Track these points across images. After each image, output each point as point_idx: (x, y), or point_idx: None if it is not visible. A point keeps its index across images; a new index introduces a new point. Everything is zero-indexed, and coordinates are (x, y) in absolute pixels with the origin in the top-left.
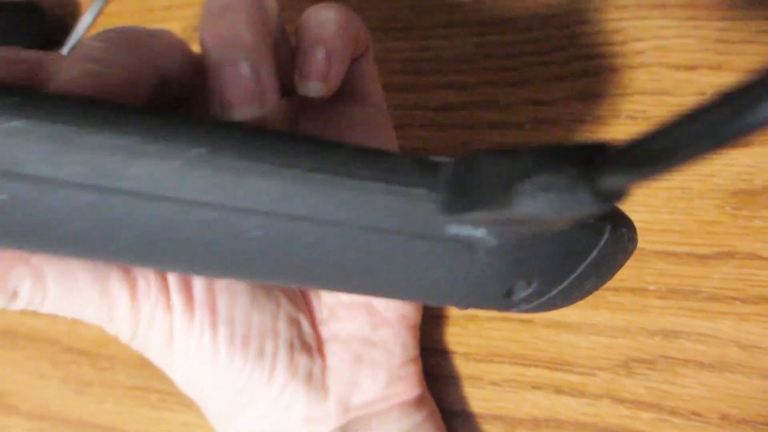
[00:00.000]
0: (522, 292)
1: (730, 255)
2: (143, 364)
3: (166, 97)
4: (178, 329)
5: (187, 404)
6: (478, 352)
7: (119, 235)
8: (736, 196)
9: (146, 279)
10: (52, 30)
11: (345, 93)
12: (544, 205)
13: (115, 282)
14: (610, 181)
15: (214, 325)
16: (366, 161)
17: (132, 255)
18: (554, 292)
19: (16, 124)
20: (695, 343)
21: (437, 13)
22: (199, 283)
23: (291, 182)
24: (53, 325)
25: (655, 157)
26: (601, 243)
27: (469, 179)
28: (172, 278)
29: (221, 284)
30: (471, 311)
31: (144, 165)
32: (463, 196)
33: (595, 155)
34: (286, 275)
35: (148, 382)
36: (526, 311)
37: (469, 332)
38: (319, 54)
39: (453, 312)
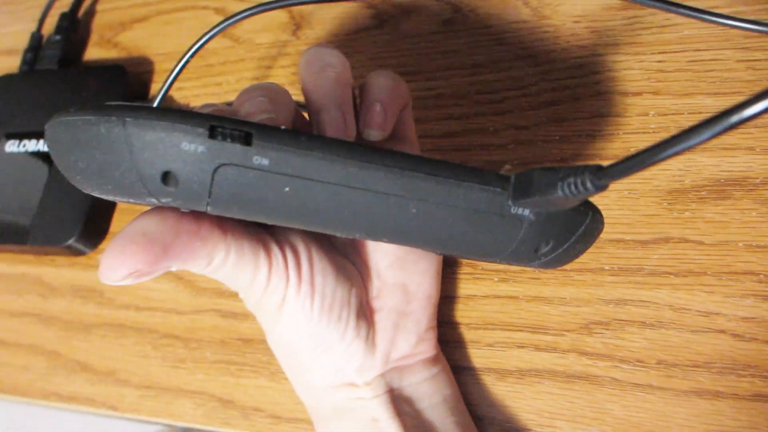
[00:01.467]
0: (543, 249)
1: (665, 240)
2: (223, 344)
3: None
4: (289, 297)
5: (259, 372)
6: (476, 323)
7: (345, 212)
8: (671, 194)
9: (277, 259)
10: (134, 86)
11: (391, 133)
12: (570, 192)
13: (262, 258)
14: (602, 181)
15: (312, 295)
16: (472, 173)
17: (342, 225)
18: (560, 251)
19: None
20: (639, 308)
21: (437, 59)
22: (305, 264)
23: (434, 183)
24: (152, 318)
25: (625, 170)
26: (587, 221)
27: (526, 182)
28: (291, 259)
29: (318, 267)
30: (470, 292)
31: (366, 173)
32: (522, 190)
33: (592, 169)
34: (425, 238)
35: (228, 356)
36: (542, 265)
37: (469, 308)
38: (379, 109)
39: (457, 293)
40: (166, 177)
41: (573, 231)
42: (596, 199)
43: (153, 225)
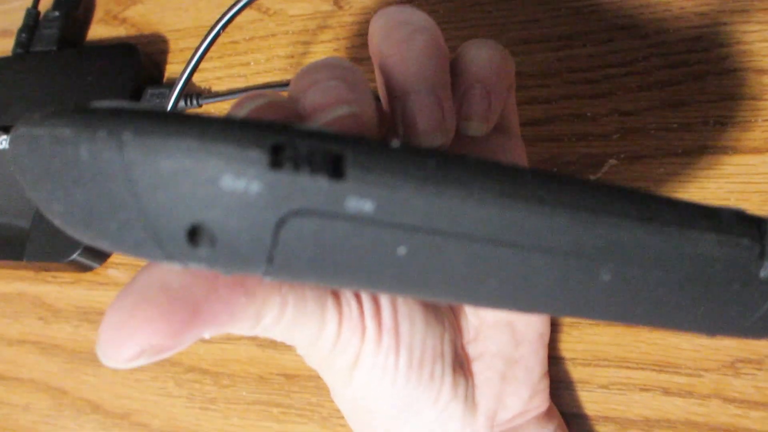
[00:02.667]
0: None
1: None
2: (262, 380)
3: None
4: (366, 353)
5: (308, 416)
6: (584, 357)
7: (492, 282)
8: None
9: (349, 306)
10: (147, 67)
11: None
12: None
13: (330, 308)
14: None
15: (397, 349)
16: (700, 214)
17: (482, 300)
18: None
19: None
20: None
21: (513, 30)
22: (386, 310)
23: (645, 235)
24: None
25: None
26: None
27: None
28: (367, 306)
29: (403, 310)
30: (573, 319)
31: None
32: None
33: None
34: (611, 314)
35: (269, 396)
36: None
37: (573, 338)
38: (481, 93)
39: (558, 320)
40: (195, 233)
41: None
42: None
43: (177, 275)
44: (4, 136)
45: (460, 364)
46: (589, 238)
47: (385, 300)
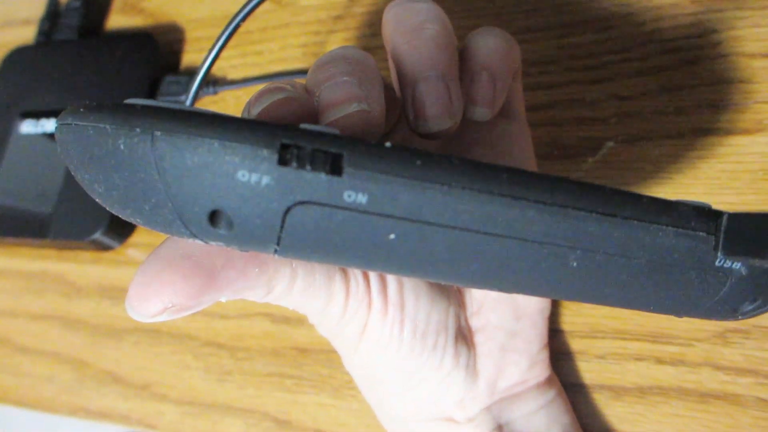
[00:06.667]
0: (746, 308)
1: None
2: (276, 353)
3: None
4: (372, 324)
5: (320, 387)
6: (582, 330)
7: (472, 266)
8: None
9: (357, 281)
10: (164, 55)
11: None
12: None
13: (338, 282)
14: None
15: (402, 321)
16: (661, 208)
17: (465, 280)
18: (765, 308)
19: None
20: None
21: (518, 20)
22: (392, 285)
23: (610, 228)
24: (191, 323)
25: None
26: None
27: (748, 230)
28: (374, 282)
29: (409, 285)
30: None
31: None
32: (740, 241)
33: None
34: (581, 295)
35: (283, 369)
36: (736, 320)
37: (572, 312)
38: (487, 80)
39: None
40: (214, 216)
41: None
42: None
43: (198, 246)
44: (28, 121)
45: (463, 336)
46: (557, 229)
47: (390, 276)
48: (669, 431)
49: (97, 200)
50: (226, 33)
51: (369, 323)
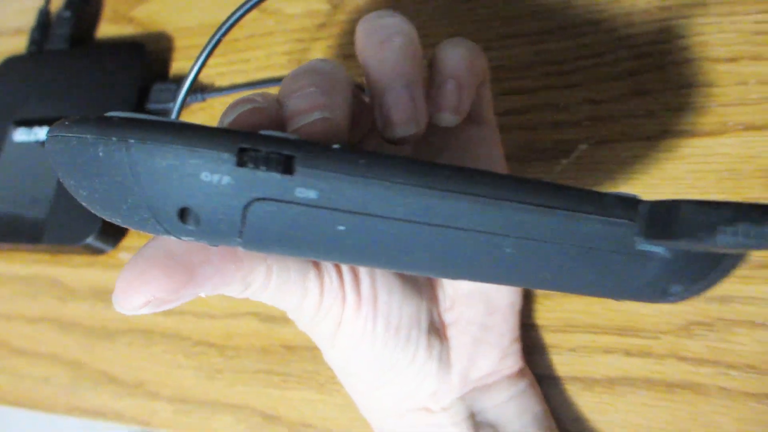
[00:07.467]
0: (674, 290)
1: None
2: (264, 351)
3: None
4: (347, 319)
5: (306, 383)
6: (555, 324)
7: (417, 254)
8: None
9: (330, 277)
10: (154, 64)
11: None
12: (741, 243)
13: (312, 278)
14: None
15: (375, 316)
16: (586, 199)
17: (412, 266)
18: (693, 290)
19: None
20: (747, 305)
21: (496, 27)
22: (365, 282)
23: (538, 217)
24: (183, 323)
25: None
26: (737, 263)
27: (667, 217)
28: (347, 278)
29: (381, 281)
30: (548, 290)
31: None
32: (660, 227)
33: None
34: (520, 279)
35: (271, 366)
36: (669, 302)
37: (546, 308)
38: (452, 88)
39: (533, 291)
40: (184, 213)
41: (711, 267)
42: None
43: (179, 245)
44: (22, 129)
45: (436, 330)
46: (491, 219)
47: (364, 272)
48: (636, 420)
49: (82, 204)
50: (213, 41)
51: (343, 318)
